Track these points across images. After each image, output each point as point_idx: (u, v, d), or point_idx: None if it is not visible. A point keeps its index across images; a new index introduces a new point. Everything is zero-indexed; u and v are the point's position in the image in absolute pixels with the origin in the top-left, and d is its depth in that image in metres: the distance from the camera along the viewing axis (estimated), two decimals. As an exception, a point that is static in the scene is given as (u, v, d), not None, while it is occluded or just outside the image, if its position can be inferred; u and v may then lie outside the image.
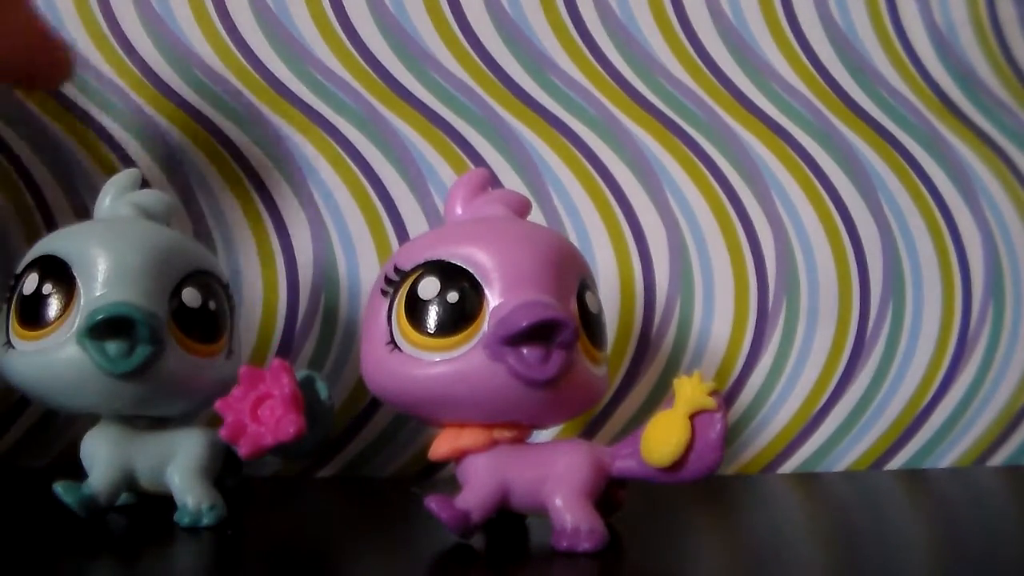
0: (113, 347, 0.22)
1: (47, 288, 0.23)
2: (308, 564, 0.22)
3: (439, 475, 0.34)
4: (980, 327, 0.37)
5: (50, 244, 0.24)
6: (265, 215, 0.34)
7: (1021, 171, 0.38)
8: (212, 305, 0.25)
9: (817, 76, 0.37)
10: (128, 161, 0.34)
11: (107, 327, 0.22)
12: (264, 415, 0.22)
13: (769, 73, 0.37)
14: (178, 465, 0.24)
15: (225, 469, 0.25)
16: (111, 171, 0.34)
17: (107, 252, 0.23)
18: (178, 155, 0.34)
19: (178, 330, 0.24)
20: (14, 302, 0.24)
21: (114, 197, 0.26)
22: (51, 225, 0.34)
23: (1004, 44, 0.38)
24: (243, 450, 0.22)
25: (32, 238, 0.33)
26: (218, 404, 0.22)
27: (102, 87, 0.34)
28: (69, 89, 0.34)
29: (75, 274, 0.23)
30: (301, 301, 0.34)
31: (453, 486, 0.23)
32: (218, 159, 0.34)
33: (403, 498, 0.30)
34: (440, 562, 0.22)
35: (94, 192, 0.34)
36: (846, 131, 0.37)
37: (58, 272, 0.23)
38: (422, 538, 0.23)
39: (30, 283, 0.24)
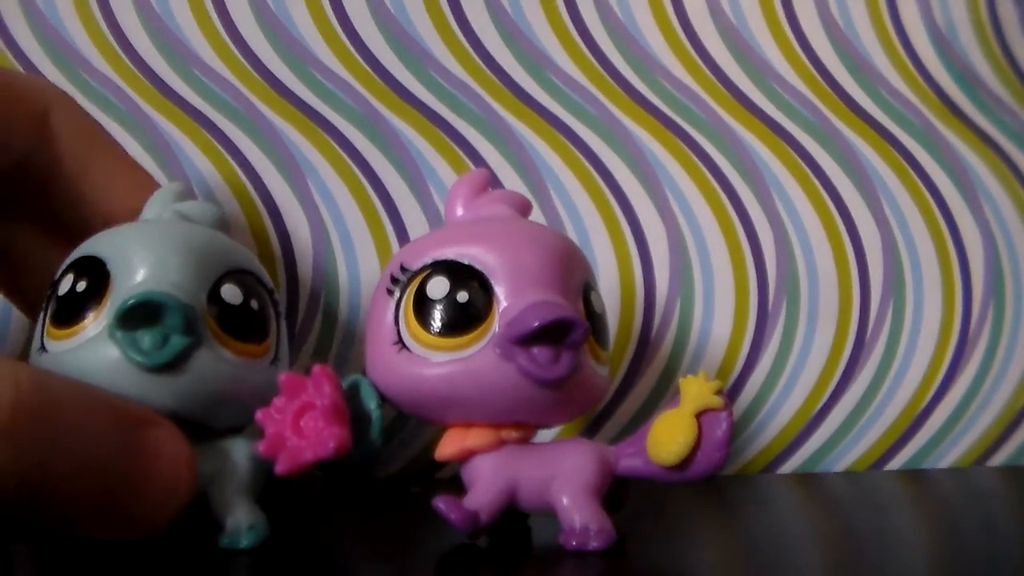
0: (146, 338, 0.21)
1: (80, 286, 0.22)
2: (308, 565, 0.22)
3: (439, 475, 0.34)
4: (980, 327, 0.37)
5: (87, 246, 0.23)
6: (264, 215, 0.34)
7: (1022, 171, 0.38)
8: (254, 304, 0.24)
9: (817, 76, 0.37)
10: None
11: (138, 316, 0.21)
12: (307, 427, 0.20)
13: (769, 73, 0.37)
14: (219, 480, 0.22)
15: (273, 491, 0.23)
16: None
17: (141, 248, 0.22)
18: (178, 155, 0.34)
19: (217, 326, 0.22)
20: (49, 306, 0.23)
21: (159, 209, 0.25)
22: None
23: (1005, 44, 0.38)
24: (280, 466, 0.20)
25: (32, 238, 0.33)
26: (258, 414, 0.21)
27: (102, 87, 0.34)
28: (68, 88, 0.34)
29: (110, 270, 0.22)
30: (300, 301, 0.34)
31: (453, 486, 0.23)
32: (217, 159, 0.34)
33: (403, 498, 0.30)
34: (445, 563, 0.21)
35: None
36: (846, 131, 0.37)
37: (93, 270, 0.22)
38: (423, 539, 0.23)
39: (65, 284, 0.23)
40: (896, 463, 0.36)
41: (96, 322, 0.22)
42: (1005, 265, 0.37)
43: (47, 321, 0.23)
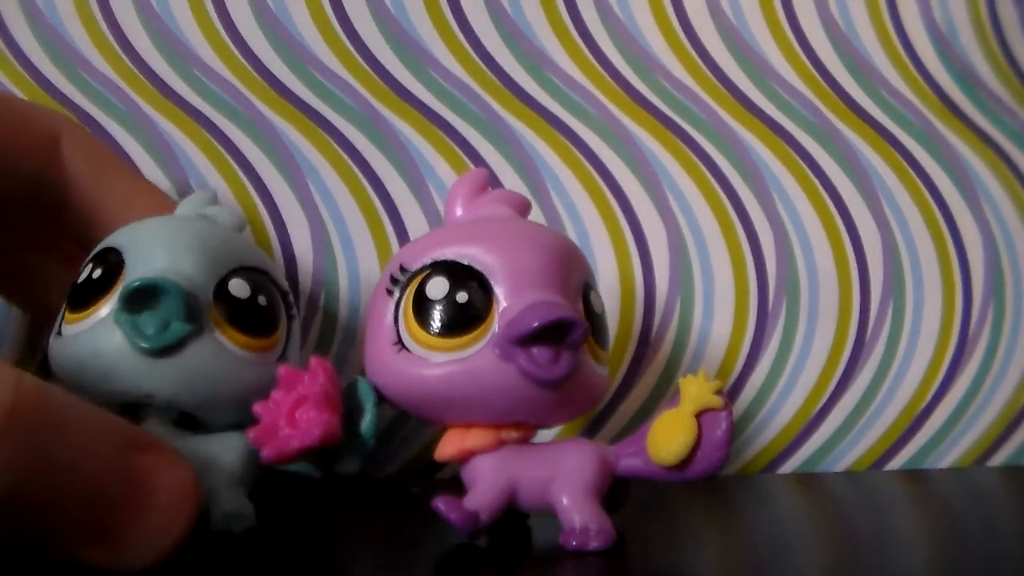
0: (149, 322, 0.22)
1: (96, 273, 0.23)
2: (308, 565, 0.22)
3: (439, 475, 0.34)
4: (980, 327, 0.37)
5: (109, 239, 0.24)
6: (264, 215, 0.34)
7: (1021, 171, 0.38)
8: (262, 300, 0.24)
9: (817, 76, 0.37)
10: (127, 160, 0.34)
11: (140, 299, 0.21)
12: (300, 419, 0.21)
13: (769, 73, 0.37)
14: (211, 469, 0.22)
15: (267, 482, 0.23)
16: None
17: (155, 239, 0.23)
18: (178, 155, 0.34)
19: (221, 318, 0.23)
20: (69, 294, 0.24)
21: (188, 212, 0.26)
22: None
23: (1004, 44, 0.38)
24: (267, 453, 0.20)
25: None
26: (256, 407, 0.21)
27: (102, 87, 0.34)
28: (68, 88, 0.34)
29: (124, 259, 0.23)
30: (301, 301, 0.34)
31: (453, 486, 0.23)
32: (218, 159, 0.34)
33: (403, 498, 0.30)
34: (445, 563, 0.21)
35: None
36: (846, 131, 0.37)
37: (110, 259, 0.23)
38: (423, 539, 0.23)
39: (84, 273, 0.23)
40: (896, 463, 0.36)
41: (105, 306, 0.22)
42: (1005, 265, 0.37)
43: (65, 307, 0.23)
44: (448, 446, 0.23)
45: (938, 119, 0.37)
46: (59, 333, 0.23)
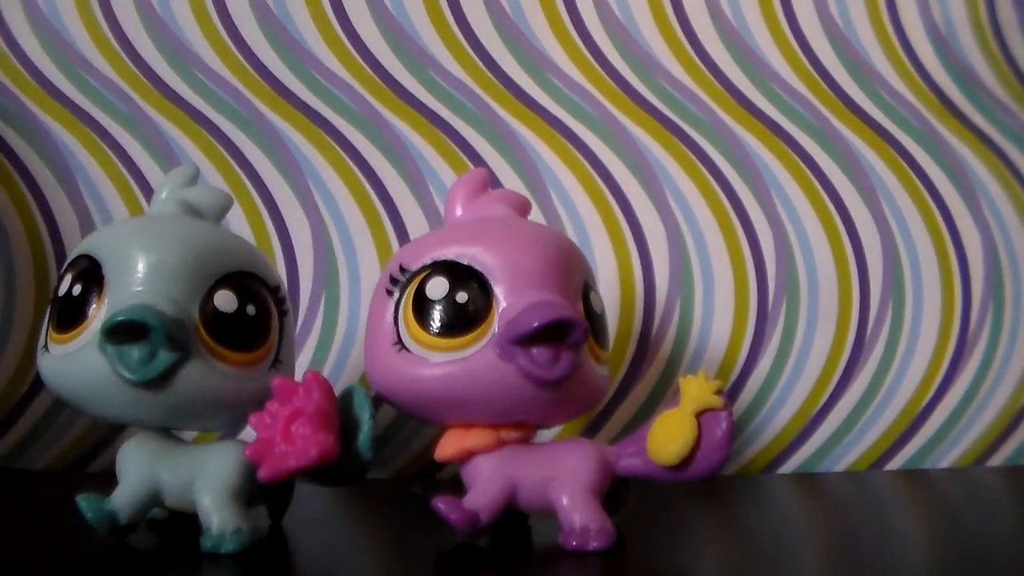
0: (134, 352, 0.21)
1: (77, 289, 0.22)
2: (308, 565, 0.22)
3: (439, 475, 0.34)
4: (980, 327, 0.37)
5: (87, 243, 0.23)
6: (265, 215, 0.34)
7: (1021, 171, 0.38)
8: (251, 310, 0.23)
9: (817, 76, 0.37)
10: (128, 161, 0.34)
11: (126, 332, 0.21)
12: (296, 434, 0.20)
13: (769, 73, 0.37)
14: (206, 483, 0.22)
15: (268, 495, 0.23)
16: (111, 170, 0.34)
17: (136, 252, 0.22)
18: (179, 155, 0.34)
19: (209, 336, 0.22)
20: (52, 305, 0.23)
21: (167, 194, 0.25)
22: (51, 224, 0.34)
23: (1004, 45, 0.38)
24: (263, 472, 0.20)
25: (32, 237, 0.34)
26: (252, 419, 0.21)
27: (103, 87, 0.34)
28: (69, 89, 0.34)
29: (104, 274, 0.22)
30: (301, 301, 0.34)
31: (454, 486, 0.23)
32: (218, 159, 0.34)
33: (404, 498, 0.30)
34: (446, 563, 0.21)
35: (94, 191, 0.34)
36: (846, 131, 0.37)
37: (90, 273, 0.22)
38: (425, 538, 0.23)
39: (65, 284, 0.23)
40: (896, 463, 0.36)
41: (89, 330, 0.22)
42: (1004, 265, 0.37)
43: (51, 319, 0.23)
44: (448, 446, 0.23)
45: (937, 120, 0.37)
46: (46, 348, 0.23)
